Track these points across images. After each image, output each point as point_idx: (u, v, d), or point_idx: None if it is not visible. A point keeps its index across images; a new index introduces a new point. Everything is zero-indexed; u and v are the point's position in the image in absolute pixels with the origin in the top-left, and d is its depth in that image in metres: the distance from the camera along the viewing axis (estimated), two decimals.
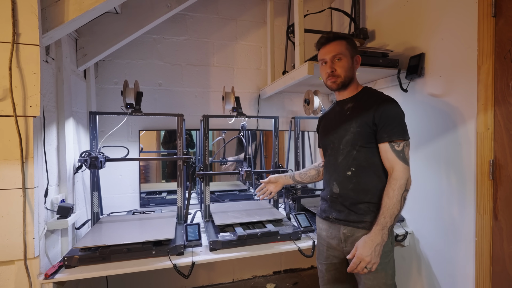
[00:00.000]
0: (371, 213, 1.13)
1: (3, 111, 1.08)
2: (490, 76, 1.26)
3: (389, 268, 1.14)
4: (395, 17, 1.80)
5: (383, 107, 1.11)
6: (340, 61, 1.18)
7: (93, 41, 1.71)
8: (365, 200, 1.14)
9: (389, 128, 1.09)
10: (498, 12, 1.24)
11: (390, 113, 1.10)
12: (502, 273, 1.25)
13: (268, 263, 2.42)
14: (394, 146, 1.09)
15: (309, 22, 2.28)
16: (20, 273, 1.12)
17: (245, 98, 2.30)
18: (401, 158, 1.08)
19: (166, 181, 2.18)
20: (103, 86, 1.99)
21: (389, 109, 1.11)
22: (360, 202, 1.15)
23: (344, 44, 1.19)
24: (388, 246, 1.13)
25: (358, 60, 1.22)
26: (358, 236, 1.14)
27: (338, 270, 1.27)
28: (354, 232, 1.16)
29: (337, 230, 1.21)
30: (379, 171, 1.14)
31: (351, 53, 1.19)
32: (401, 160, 1.08)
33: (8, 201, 1.11)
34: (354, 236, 1.16)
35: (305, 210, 1.88)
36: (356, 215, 1.15)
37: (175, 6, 1.82)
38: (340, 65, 1.18)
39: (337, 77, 1.19)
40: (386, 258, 1.12)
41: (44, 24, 1.16)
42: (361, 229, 1.15)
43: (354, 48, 1.21)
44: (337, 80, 1.20)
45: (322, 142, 1.33)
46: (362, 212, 1.14)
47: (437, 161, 1.51)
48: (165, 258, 1.29)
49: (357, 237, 1.14)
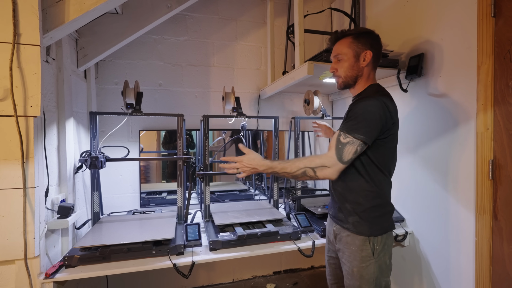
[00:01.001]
0: (354, 215, 1.13)
1: (4, 111, 1.09)
2: (490, 76, 1.26)
3: (366, 273, 1.11)
4: (395, 17, 1.80)
5: (355, 104, 1.10)
6: (340, 61, 1.18)
7: (93, 41, 1.71)
8: (350, 199, 1.15)
9: (349, 122, 1.07)
10: (498, 12, 1.24)
11: (357, 110, 1.07)
12: (502, 273, 1.25)
13: (268, 263, 2.42)
14: (341, 136, 1.06)
15: (309, 23, 2.29)
16: (21, 273, 1.12)
17: (245, 98, 2.30)
18: (338, 149, 1.05)
19: (166, 181, 2.19)
20: (104, 86, 1.99)
21: (358, 106, 1.07)
22: (346, 200, 1.16)
23: (347, 42, 1.16)
24: (367, 251, 1.11)
25: (367, 55, 1.15)
26: (343, 236, 1.17)
27: (337, 265, 1.30)
28: (340, 231, 1.19)
29: (332, 226, 1.27)
30: (364, 171, 1.11)
31: (355, 51, 1.15)
32: (336, 150, 1.05)
33: (9, 200, 1.11)
34: (340, 235, 1.19)
35: (305, 210, 1.88)
36: (342, 214, 1.18)
37: (175, 6, 1.82)
38: (340, 65, 1.18)
39: (338, 77, 1.20)
40: (363, 263, 1.11)
41: (45, 25, 1.16)
42: (345, 229, 1.16)
43: (363, 43, 1.15)
44: (339, 80, 1.21)
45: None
46: (347, 212, 1.16)
47: (437, 161, 1.51)
48: (165, 258, 1.29)
49: (342, 237, 1.18)
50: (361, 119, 1.05)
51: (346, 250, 1.17)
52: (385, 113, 1.06)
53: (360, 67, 1.16)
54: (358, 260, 1.12)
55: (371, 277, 1.11)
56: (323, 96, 2.47)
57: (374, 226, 1.12)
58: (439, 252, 1.50)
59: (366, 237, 1.11)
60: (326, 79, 1.84)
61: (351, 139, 1.04)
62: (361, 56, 1.15)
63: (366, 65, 1.16)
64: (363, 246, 1.11)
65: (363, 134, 1.03)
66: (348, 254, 1.16)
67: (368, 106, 1.06)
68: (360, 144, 1.04)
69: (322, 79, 1.84)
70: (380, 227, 1.13)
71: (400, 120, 1.24)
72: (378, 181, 1.12)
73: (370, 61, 1.16)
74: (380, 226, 1.13)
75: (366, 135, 1.03)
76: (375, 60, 1.18)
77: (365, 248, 1.11)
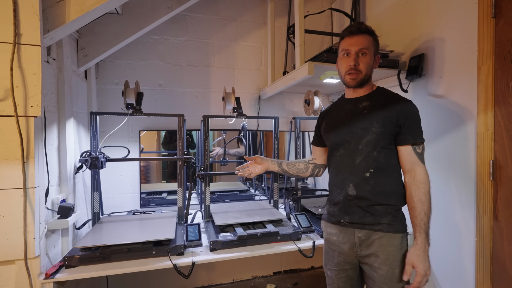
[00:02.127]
0: (388, 215, 1.10)
1: (5, 111, 1.09)
2: (490, 76, 1.26)
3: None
4: (395, 18, 1.80)
5: (407, 109, 1.09)
6: (364, 56, 1.11)
7: (94, 41, 1.71)
8: (382, 202, 1.10)
9: (413, 130, 1.08)
10: (498, 13, 1.24)
11: (414, 116, 1.09)
12: (502, 274, 1.25)
13: (268, 263, 2.42)
14: (416, 148, 1.08)
15: (310, 23, 2.29)
16: (21, 273, 1.12)
17: (245, 99, 2.31)
18: (422, 160, 1.09)
19: (166, 181, 2.18)
20: (104, 87, 1.99)
21: (413, 112, 1.09)
22: (377, 204, 1.10)
23: (371, 40, 1.13)
24: (405, 249, 1.10)
25: (378, 60, 1.17)
26: (374, 239, 1.10)
27: (350, 276, 1.20)
28: (370, 235, 1.11)
29: (351, 234, 1.15)
30: (396, 173, 1.13)
31: (374, 51, 1.14)
32: (422, 163, 1.09)
33: (9, 200, 1.11)
34: (370, 239, 1.11)
35: (305, 211, 1.88)
36: (372, 216, 1.11)
37: (175, 6, 1.82)
38: (364, 60, 1.11)
39: (359, 73, 1.12)
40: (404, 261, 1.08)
41: (45, 25, 1.16)
42: (377, 231, 1.10)
43: (377, 47, 1.16)
44: (358, 76, 1.12)
45: (330, 141, 1.24)
46: (379, 213, 1.10)
47: (437, 161, 1.51)
48: (165, 258, 1.29)
49: (373, 240, 1.10)
50: (420, 124, 1.10)
51: (380, 253, 1.09)
52: None
53: (373, 69, 1.17)
54: (399, 260, 1.08)
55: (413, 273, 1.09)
56: (323, 96, 2.47)
57: (403, 223, 1.13)
58: (440, 252, 1.50)
59: (403, 233, 1.11)
60: (326, 80, 1.84)
61: (422, 145, 1.10)
62: (376, 58, 1.17)
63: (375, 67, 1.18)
64: (402, 244, 1.09)
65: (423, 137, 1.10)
66: (384, 257, 1.09)
67: (416, 110, 1.11)
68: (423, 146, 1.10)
69: (323, 80, 1.84)
70: (406, 224, 1.14)
71: None
72: (402, 182, 1.14)
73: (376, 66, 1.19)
74: (405, 222, 1.14)
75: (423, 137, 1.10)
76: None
77: (403, 246, 1.10)
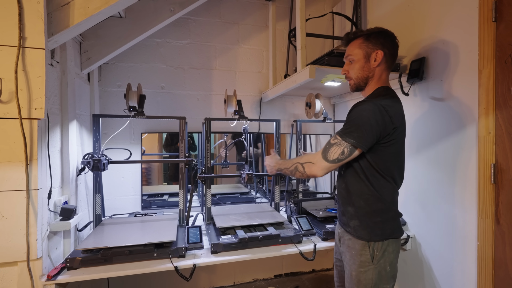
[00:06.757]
0: (355, 219, 1.13)
1: (9, 113, 1.10)
2: (491, 80, 1.26)
3: (364, 278, 1.10)
4: (396, 21, 1.81)
5: (354, 108, 1.09)
6: (352, 63, 1.17)
7: (97, 44, 1.73)
8: (351, 202, 1.15)
9: (343, 126, 1.09)
10: (499, 17, 1.25)
11: (352, 114, 1.08)
12: (504, 278, 1.24)
13: (269, 266, 2.42)
14: (332, 138, 1.10)
15: (311, 26, 2.30)
16: (23, 274, 1.13)
17: (247, 101, 2.31)
18: (325, 148, 1.09)
19: (168, 183, 2.19)
20: (107, 89, 2.01)
21: (354, 111, 1.07)
22: (348, 204, 1.16)
23: (357, 43, 1.15)
24: (366, 257, 1.11)
25: (378, 55, 1.12)
26: (346, 239, 1.18)
27: (341, 267, 1.30)
28: (344, 234, 1.19)
29: (338, 228, 1.28)
30: (363, 175, 1.10)
31: (366, 51, 1.13)
32: (323, 149, 1.09)
33: (12, 202, 1.12)
34: (343, 238, 1.19)
35: (306, 213, 1.87)
36: (345, 217, 1.18)
37: (178, 10, 1.84)
38: (351, 67, 1.18)
39: (350, 79, 1.21)
40: (362, 267, 1.11)
41: (50, 28, 1.18)
42: (347, 233, 1.17)
43: (374, 43, 1.13)
44: (350, 82, 1.21)
45: None
46: (349, 215, 1.16)
47: (438, 165, 1.51)
48: (167, 260, 1.30)
49: (345, 239, 1.18)
50: (353, 123, 1.05)
51: (347, 253, 1.17)
52: (383, 118, 1.03)
53: (371, 68, 1.14)
54: (357, 264, 1.11)
55: (369, 283, 1.10)
56: (324, 99, 2.48)
57: (375, 231, 1.11)
58: (441, 256, 1.49)
59: (365, 242, 1.11)
60: (327, 83, 1.85)
61: (339, 141, 1.06)
62: (371, 57, 1.13)
63: (377, 65, 1.13)
64: (362, 251, 1.11)
65: (354, 138, 1.03)
66: (348, 257, 1.16)
67: (363, 111, 1.04)
68: (348, 146, 1.04)
69: (324, 83, 1.85)
70: (381, 233, 1.11)
71: None
72: (379, 186, 1.10)
73: (381, 61, 1.13)
74: (381, 231, 1.11)
75: (357, 139, 1.03)
76: (388, 59, 1.15)
77: (364, 253, 1.10)
